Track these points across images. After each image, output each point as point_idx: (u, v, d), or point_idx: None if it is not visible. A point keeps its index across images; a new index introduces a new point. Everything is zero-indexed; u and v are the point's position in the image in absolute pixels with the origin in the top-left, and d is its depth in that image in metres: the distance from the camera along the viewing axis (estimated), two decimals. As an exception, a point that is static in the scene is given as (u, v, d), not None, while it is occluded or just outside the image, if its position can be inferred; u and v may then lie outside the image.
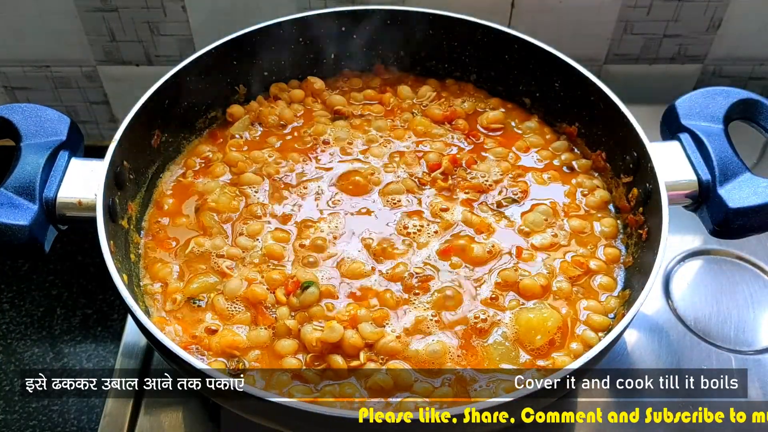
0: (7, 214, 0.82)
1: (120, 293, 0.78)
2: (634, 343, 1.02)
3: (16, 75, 1.31)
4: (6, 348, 1.15)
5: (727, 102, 0.95)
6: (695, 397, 0.96)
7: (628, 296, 0.88)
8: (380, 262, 0.91)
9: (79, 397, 1.09)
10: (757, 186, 0.88)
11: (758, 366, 1.00)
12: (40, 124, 0.89)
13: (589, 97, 1.00)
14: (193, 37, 1.26)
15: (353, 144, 1.04)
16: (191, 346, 0.84)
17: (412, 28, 1.10)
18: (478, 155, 1.03)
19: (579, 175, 1.03)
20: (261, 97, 1.10)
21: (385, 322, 0.85)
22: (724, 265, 1.11)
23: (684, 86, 1.36)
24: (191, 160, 1.03)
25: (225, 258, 0.91)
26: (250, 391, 0.71)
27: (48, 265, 1.25)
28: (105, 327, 1.18)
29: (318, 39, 1.10)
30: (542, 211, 0.97)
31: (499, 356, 0.84)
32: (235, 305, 0.87)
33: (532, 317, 0.85)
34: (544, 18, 1.26)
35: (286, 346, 0.83)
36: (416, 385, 0.81)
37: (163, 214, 0.97)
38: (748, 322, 1.05)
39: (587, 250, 0.94)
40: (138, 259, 0.92)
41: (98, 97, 1.36)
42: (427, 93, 1.12)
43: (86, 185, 0.86)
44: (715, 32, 1.30)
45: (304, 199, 0.98)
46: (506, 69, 1.09)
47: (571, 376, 0.74)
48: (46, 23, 1.23)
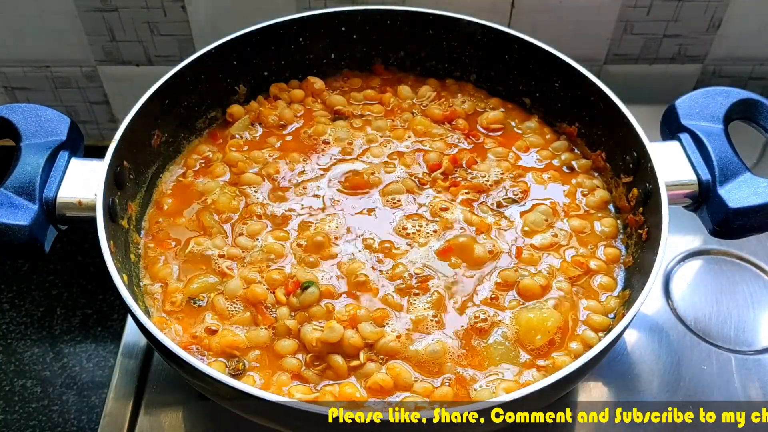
0: (7, 214, 0.82)
1: (120, 293, 0.78)
2: (634, 343, 1.02)
3: (16, 75, 1.31)
4: (6, 348, 1.15)
5: (727, 102, 0.95)
6: (695, 397, 0.96)
7: (628, 296, 0.88)
8: (380, 262, 0.91)
9: (79, 397, 1.10)
10: (757, 186, 0.88)
11: (758, 366, 1.00)
12: (40, 124, 0.89)
13: (589, 97, 1.01)
14: (193, 37, 1.26)
15: (353, 144, 1.04)
16: (191, 346, 0.84)
17: (412, 28, 1.10)
18: (478, 155, 1.03)
19: (579, 175, 1.03)
20: (261, 97, 1.10)
21: (385, 322, 0.85)
22: (724, 265, 1.11)
23: (684, 86, 1.36)
24: (191, 160, 1.03)
25: (225, 258, 0.91)
26: (250, 391, 0.71)
27: (48, 265, 1.25)
28: (105, 327, 1.18)
29: (318, 39, 1.10)
30: (542, 211, 0.97)
31: (500, 356, 0.84)
32: (235, 305, 0.87)
33: (532, 317, 0.85)
34: (544, 18, 1.26)
35: (286, 346, 0.83)
36: (416, 385, 0.81)
37: (163, 214, 0.97)
38: (748, 322, 1.05)
39: (587, 250, 0.94)
40: (138, 259, 0.92)
41: (98, 97, 1.36)
42: (427, 93, 1.12)
43: (86, 185, 0.86)
44: (715, 32, 1.30)
45: (304, 199, 0.98)
46: (506, 69, 1.09)
47: (571, 376, 0.74)
48: (46, 23, 1.23)
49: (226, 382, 0.71)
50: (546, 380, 0.72)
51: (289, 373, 0.82)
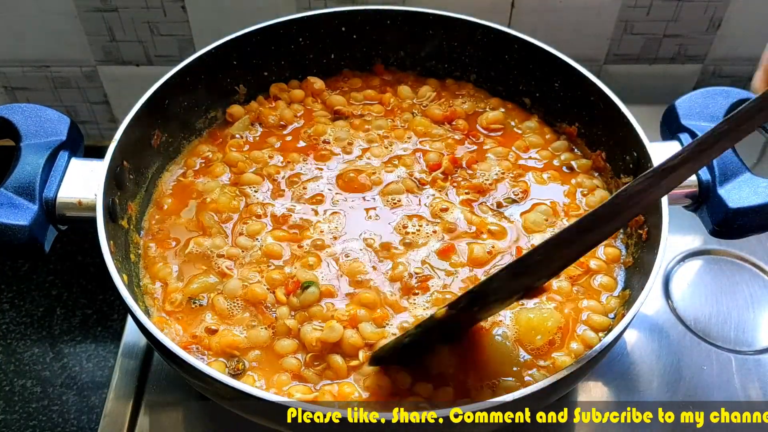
0: (7, 214, 0.82)
1: (120, 293, 0.78)
2: (634, 343, 1.02)
3: (16, 75, 1.31)
4: (6, 348, 1.15)
5: (727, 102, 0.95)
6: (695, 397, 0.96)
7: (628, 296, 0.88)
8: (381, 262, 0.91)
9: (79, 397, 1.10)
10: (757, 186, 0.88)
11: (758, 366, 1.00)
12: (40, 124, 0.89)
13: (589, 97, 1.01)
14: (193, 37, 1.26)
15: (353, 144, 1.04)
16: (191, 346, 0.84)
17: (411, 28, 1.10)
18: (478, 155, 1.03)
19: (579, 175, 1.02)
20: (261, 97, 1.10)
21: (385, 322, 0.85)
22: (724, 265, 1.11)
23: (684, 86, 1.36)
24: (191, 160, 1.03)
25: (225, 258, 0.91)
26: (249, 391, 0.71)
27: (48, 265, 1.25)
28: (105, 327, 1.18)
29: (318, 39, 1.10)
30: (542, 211, 0.97)
31: (500, 356, 0.83)
32: (236, 305, 0.87)
33: (532, 317, 0.85)
34: (544, 18, 1.26)
35: (286, 345, 0.83)
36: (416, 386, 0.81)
37: (163, 214, 0.97)
38: (748, 322, 1.05)
39: (587, 250, 0.94)
40: (138, 259, 0.92)
41: (98, 97, 1.36)
42: (427, 93, 1.12)
43: (86, 185, 0.86)
44: (715, 32, 1.30)
45: (304, 199, 0.98)
46: (506, 69, 1.09)
47: (571, 376, 0.74)
48: (46, 23, 1.23)
49: (226, 382, 0.71)
50: (546, 380, 0.72)
51: (289, 373, 0.82)
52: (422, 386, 0.80)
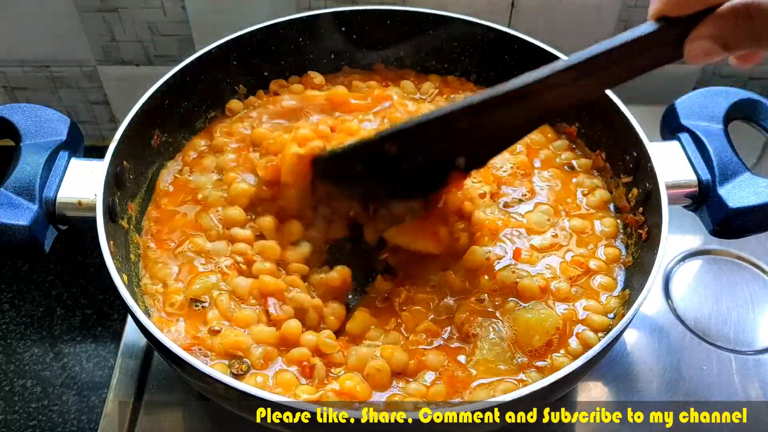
0: (7, 214, 0.82)
1: (120, 293, 0.77)
2: (634, 343, 1.02)
3: (16, 75, 1.31)
4: (6, 348, 1.15)
5: (727, 102, 0.95)
6: (695, 397, 0.96)
7: (628, 296, 0.88)
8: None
9: (79, 397, 1.10)
10: (757, 186, 0.88)
11: (758, 366, 1.00)
12: (40, 124, 0.90)
13: (589, 97, 1.00)
14: (193, 37, 1.26)
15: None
16: (194, 347, 0.83)
17: (412, 28, 1.10)
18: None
19: (579, 175, 1.02)
20: (261, 92, 1.10)
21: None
22: (724, 265, 1.11)
23: (684, 86, 1.36)
24: (188, 155, 1.02)
25: (225, 257, 0.91)
26: (250, 391, 0.71)
27: (48, 265, 1.25)
28: (105, 327, 1.18)
29: (318, 39, 1.10)
30: (544, 211, 0.96)
31: (497, 357, 0.83)
32: (237, 305, 0.86)
33: (530, 318, 0.85)
34: (544, 18, 1.26)
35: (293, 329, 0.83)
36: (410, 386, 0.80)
37: (162, 213, 0.97)
38: (748, 322, 1.05)
39: (587, 250, 0.94)
40: (138, 259, 0.92)
41: (98, 97, 1.36)
42: (430, 90, 1.11)
43: (86, 185, 0.86)
44: (715, 32, 1.29)
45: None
46: (506, 69, 1.09)
47: (570, 376, 0.74)
48: (46, 23, 1.23)
49: (227, 383, 0.71)
50: (545, 380, 0.72)
51: (297, 367, 0.81)
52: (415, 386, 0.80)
